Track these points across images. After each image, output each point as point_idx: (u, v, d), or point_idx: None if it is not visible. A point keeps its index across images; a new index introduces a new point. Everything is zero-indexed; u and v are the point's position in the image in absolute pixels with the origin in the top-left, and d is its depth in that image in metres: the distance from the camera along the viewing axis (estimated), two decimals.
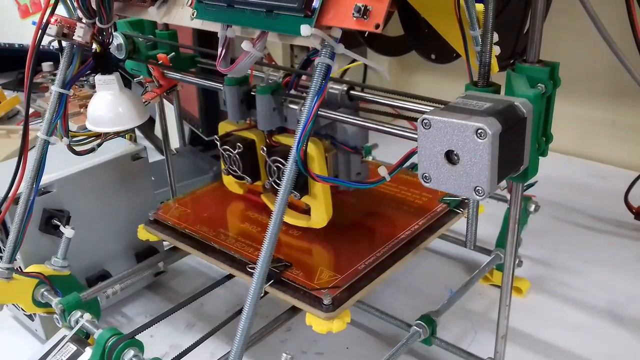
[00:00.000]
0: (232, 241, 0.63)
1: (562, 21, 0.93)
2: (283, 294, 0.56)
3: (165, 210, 0.71)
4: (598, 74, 1.10)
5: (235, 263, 0.61)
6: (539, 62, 0.46)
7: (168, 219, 0.69)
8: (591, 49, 1.06)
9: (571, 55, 1.10)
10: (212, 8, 0.45)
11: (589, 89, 1.12)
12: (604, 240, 0.88)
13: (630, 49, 0.70)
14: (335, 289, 0.54)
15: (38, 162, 0.60)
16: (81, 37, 0.57)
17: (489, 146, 0.38)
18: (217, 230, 0.65)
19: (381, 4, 0.37)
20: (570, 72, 1.11)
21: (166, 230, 0.68)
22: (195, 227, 0.66)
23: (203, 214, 0.69)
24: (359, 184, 0.47)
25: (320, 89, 0.40)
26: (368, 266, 0.57)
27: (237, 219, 0.69)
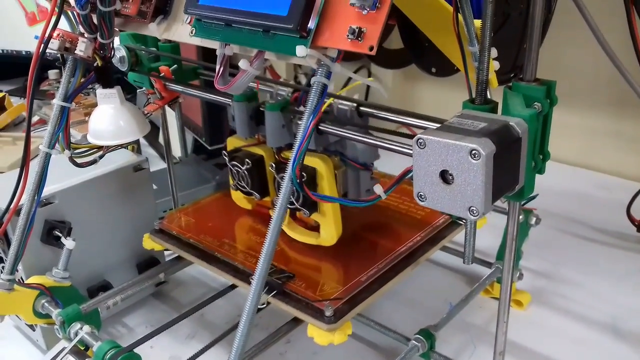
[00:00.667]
0: (235, 252, 0.64)
1: (565, 33, 0.93)
2: (285, 305, 0.56)
3: (170, 220, 0.71)
4: (602, 85, 1.10)
5: (238, 274, 0.61)
6: (535, 80, 0.46)
7: (173, 228, 0.69)
8: (595, 60, 1.06)
9: (575, 67, 1.10)
10: (211, 26, 0.46)
11: (593, 99, 1.12)
12: (606, 252, 0.88)
13: (632, 60, 0.71)
14: (337, 300, 0.55)
15: (40, 175, 0.60)
16: (83, 52, 0.57)
17: (482, 167, 0.38)
18: (222, 240, 0.66)
19: (375, 26, 0.37)
20: (574, 83, 1.12)
21: (171, 240, 0.68)
22: (199, 237, 0.67)
23: (207, 224, 0.70)
24: (355, 202, 0.47)
25: (316, 108, 0.41)
26: (370, 278, 0.57)
27: (241, 229, 0.69)
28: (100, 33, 0.53)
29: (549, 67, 1.10)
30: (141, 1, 0.51)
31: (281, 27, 0.40)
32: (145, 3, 0.51)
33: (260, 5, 0.41)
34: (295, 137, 0.59)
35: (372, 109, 0.59)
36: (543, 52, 0.82)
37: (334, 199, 0.55)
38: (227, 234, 0.67)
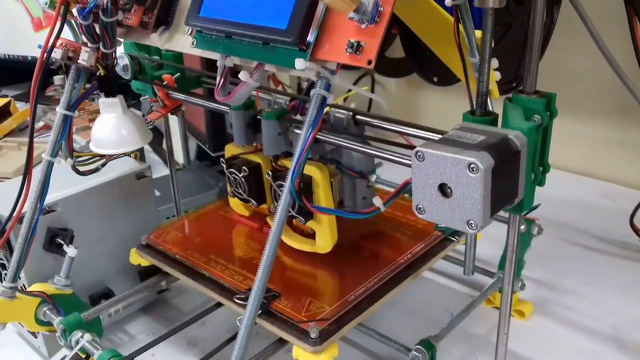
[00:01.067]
0: (222, 268, 0.63)
1: (568, 41, 0.93)
2: (270, 325, 0.55)
3: (157, 235, 0.71)
4: (605, 93, 1.09)
5: (224, 291, 0.60)
6: (535, 92, 0.46)
7: (159, 243, 0.69)
8: (598, 68, 1.06)
9: (579, 75, 1.10)
10: (211, 38, 0.46)
11: (597, 107, 1.11)
12: (609, 262, 0.88)
13: (634, 68, 0.70)
14: (323, 321, 0.53)
15: (42, 183, 0.61)
16: (86, 61, 0.58)
17: (481, 180, 0.38)
18: (208, 256, 0.65)
19: (374, 40, 0.37)
20: (577, 91, 1.11)
21: (157, 255, 0.67)
22: (186, 253, 0.66)
23: (195, 239, 0.69)
24: (353, 215, 0.47)
25: (315, 120, 0.41)
26: (358, 297, 0.56)
27: (228, 244, 0.69)
28: (102, 43, 0.54)
29: (553, 75, 1.11)
30: (143, 12, 0.52)
31: (280, 40, 0.40)
32: (147, 14, 0.52)
33: (260, 18, 0.41)
34: (292, 145, 0.60)
35: (369, 117, 0.59)
36: (546, 60, 0.83)
37: (332, 211, 0.55)
38: (214, 249, 0.67)
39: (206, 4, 0.45)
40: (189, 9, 0.47)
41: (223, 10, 0.44)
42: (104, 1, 0.50)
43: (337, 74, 0.42)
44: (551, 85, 1.16)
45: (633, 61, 0.71)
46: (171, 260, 0.66)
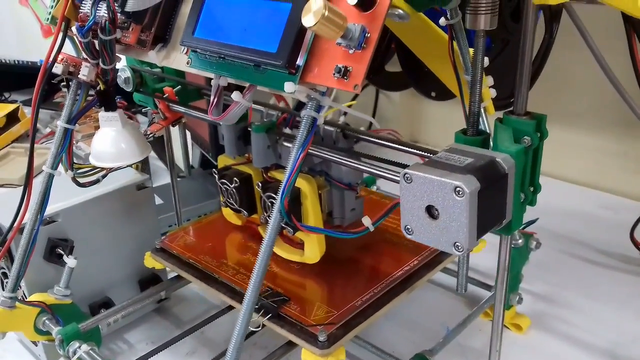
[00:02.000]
0: (233, 272, 0.64)
1: (572, 53, 0.93)
2: (280, 329, 0.56)
3: (171, 239, 0.72)
4: (608, 105, 1.09)
5: (236, 295, 0.62)
6: (526, 114, 0.46)
7: (173, 247, 0.70)
8: (601, 80, 1.06)
9: (583, 86, 1.09)
10: (205, 58, 0.47)
11: (601, 119, 1.11)
12: (610, 276, 0.87)
13: (634, 82, 0.71)
14: (331, 325, 0.55)
15: (42, 195, 0.62)
16: (86, 76, 0.59)
17: (467, 204, 0.38)
18: (220, 260, 0.66)
19: (361, 65, 0.37)
20: (581, 102, 1.11)
21: (171, 259, 0.69)
22: (199, 257, 0.68)
23: (208, 244, 0.71)
24: (343, 234, 0.47)
25: (305, 142, 0.41)
26: (364, 302, 0.57)
27: (240, 250, 0.70)
28: (102, 59, 0.55)
29: (557, 87, 1.11)
30: (141, 30, 0.52)
31: (270, 63, 0.41)
32: (145, 32, 0.52)
33: (252, 41, 0.42)
34: (282, 158, 0.60)
35: (357, 132, 0.59)
36: (551, 72, 0.83)
37: (321, 230, 0.56)
38: (226, 254, 0.68)
39: (200, 25, 0.46)
40: (184, 29, 0.48)
41: (216, 32, 0.45)
42: (102, 20, 0.51)
43: (327, 95, 0.42)
44: (555, 96, 1.16)
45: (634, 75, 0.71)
46: (184, 264, 0.67)
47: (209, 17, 0.46)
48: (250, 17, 0.43)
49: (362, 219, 0.44)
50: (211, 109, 0.48)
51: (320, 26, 0.35)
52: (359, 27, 0.37)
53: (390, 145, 0.56)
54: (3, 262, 0.68)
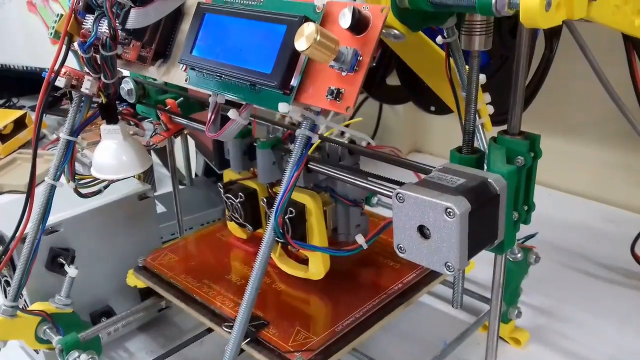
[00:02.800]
0: (214, 294, 0.64)
1: (575, 65, 0.93)
2: (258, 354, 0.56)
3: (154, 257, 0.72)
4: (612, 117, 1.09)
5: (215, 317, 0.61)
6: (520, 134, 0.46)
7: (155, 266, 0.70)
8: (604, 93, 1.06)
9: (587, 98, 1.09)
10: (203, 76, 0.47)
11: (604, 131, 1.11)
12: (611, 290, 0.87)
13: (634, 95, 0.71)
14: (309, 352, 0.54)
15: (44, 206, 0.62)
16: (89, 89, 0.60)
17: (457, 225, 0.38)
18: (202, 280, 0.66)
19: (353, 88, 0.38)
20: (584, 114, 1.11)
21: (153, 278, 0.69)
22: (180, 277, 0.67)
23: (191, 262, 0.70)
24: (337, 252, 0.48)
25: (299, 161, 0.42)
26: (346, 327, 0.57)
27: (223, 269, 0.69)
28: (103, 74, 0.55)
29: (561, 98, 1.11)
30: (141, 46, 0.53)
31: (265, 83, 0.41)
32: (146, 48, 0.53)
33: (247, 61, 0.43)
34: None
35: (362, 149, 0.60)
36: (554, 84, 0.83)
37: (315, 247, 0.56)
38: (209, 274, 0.68)
39: (198, 43, 0.47)
40: (183, 47, 0.49)
41: (214, 51, 0.45)
42: (103, 36, 0.51)
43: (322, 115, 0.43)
44: (559, 109, 1.16)
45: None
46: (165, 283, 0.67)
47: (207, 36, 0.47)
48: (247, 38, 0.43)
49: (356, 236, 0.44)
50: (208, 126, 0.49)
51: (312, 50, 0.36)
52: (351, 50, 0.37)
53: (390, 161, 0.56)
54: (6, 271, 0.69)
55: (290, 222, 0.60)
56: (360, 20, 0.37)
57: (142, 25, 0.49)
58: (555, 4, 0.38)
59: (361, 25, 0.37)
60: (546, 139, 1.30)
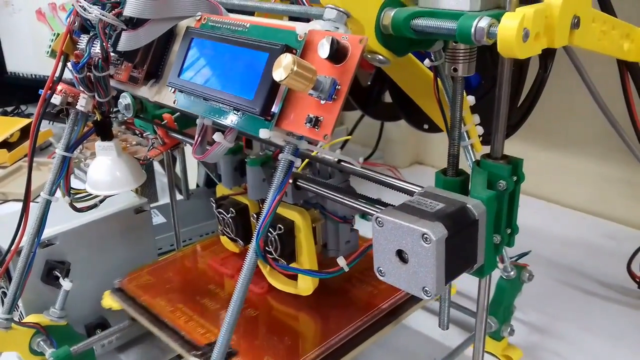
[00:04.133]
0: (186, 319, 0.63)
1: (576, 80, 0.93)
2: None
3: (130, 279, 0.71)
4: (614, 132, 1.08)
5: (185, 344, 0.60)
6: (503, 158, 0.47)
7: (130, 289, 0.69)
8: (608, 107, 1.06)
9: (587, 113, 1.09)
10: (190, 98, 0.48)
11: (605, 147, 1.11)
12: (607, 308, 0.87)
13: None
14: None
15: (39, 220, 0.64)
16: (84, 107, 0.61)
17: (434, 251, 0.39)
18: (175, 305, 0.65)
19: (331, 116, 0.39)
20: (587, 129, 1.11)
21: (128, 300, 0.68)
22: (153, 300, 0.67)
23: (166, 285, 0.70)
24: (317, 274, 0.48)
25: (281, 185, 0.43)
26: (334, 345, 0.57)
27: (197, 293, 0.69)
28: (97, 93, 0.56)
29: (562, 113, 1.10)
30: (133, 67, 0.54)
31: (248, 109, 0.42)
32: (138, 69, 0.54)
33: (231, 87, 0.43)
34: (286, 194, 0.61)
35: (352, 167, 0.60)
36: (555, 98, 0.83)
37: (296, 269, 0.57)
38: (183, 297, 0.67)
39: (186, 67, 0.48)
40: (172, 70, 0.49)
41: (200, 75, 0.46)
42: (96, 58, 0.52)
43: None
44: (560, 123, 1.16)
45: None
46: (139, 307, 0.67)
47: (194, 61, 0.48)
48: (232, 64, 0.44)
49: (337, 259, 0.45)
50: (195, 148, 0.49)
51: (290, 80, 0.36)
52: (329, 79, 0.38)
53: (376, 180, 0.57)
54: (2, 282, 0.70)
55: (280, 239, 0.60)
56: (338, 50, 0.38)
57: (133, 47, 0.50)
58: (533, 34, 0.39)
59: (340, 54, 0.38)
60: (547, 153, 1.31)
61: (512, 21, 0.37)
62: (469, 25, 0.39)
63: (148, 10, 0.49)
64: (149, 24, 0.50)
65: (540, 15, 0.39)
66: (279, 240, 0.60)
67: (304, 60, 0.39)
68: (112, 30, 0.52)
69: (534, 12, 0.38)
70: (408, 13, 0.43)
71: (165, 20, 0.50)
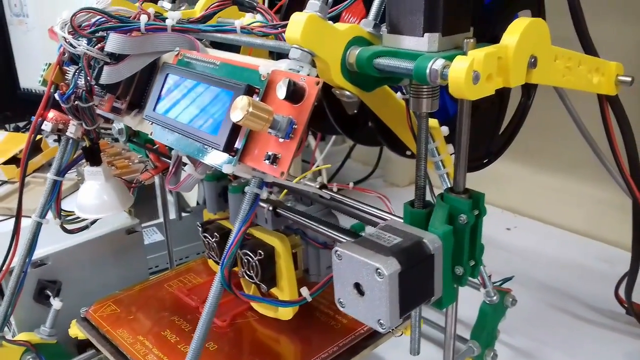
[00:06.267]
0: (145, 352, 0.63)
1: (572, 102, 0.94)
2: None
3: (96, 309, 0.71)
4: (610, 155, 1.09)
5: None
6: (465, 192, 0.48)
7: (94, 318, 0.70)
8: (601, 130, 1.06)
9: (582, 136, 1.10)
10: (164, 131, 0.50)
11: (601, 169, 1.11)
12: (595, 333, 0.87)
13: None
14: None
15: (30, 242, 0.66)
16: (73, 134, 0.63)
17: (386, 285, 0.40)
18: (136, 337, 0.66)
19: (288, 153, 0.40)
20: (582, 151, 1.11)
21: (92, 330, 0.68)
22: (116, 331, 0.67)
23: (130, 316, 0.70)
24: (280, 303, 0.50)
25: (246, 217, 0.44)
26: None
27: (161, 324, 0.69)
28: (83, 122, 0.59)
29: (557, 135, 1.11)
30: (116, 98, 0.56)
31: (214, 144, 0.44)
32: (121, 100, 0.57)
33: (199, 122, 0.46)
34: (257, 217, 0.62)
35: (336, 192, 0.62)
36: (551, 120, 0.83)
37: (259, 299, 0.58)
38: (145, 329, 0.67)
39: (161, 101, 0.50)
40: (148, 104, 0.52)
41: (172, 110, 0.48)
42: (79, 90, 0.55)
43: None
44: (557, 144, 1.16)
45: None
46: (102, 337, 0.67)
47: (168, 95, 0.50)
48: (201, 100, 0.46)
49: (301, 289, 0.46)
50: (168, 178, 0.51)
51: (246, 121, 0.38)
52: (286, 119, 0.40)
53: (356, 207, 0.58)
54: None
55: (260, 264, 0.62)
56: (295, 92, 0.40)
57: (114, 81, 0.53)
58: (485, 76, 0.40)
59: (297, 95, 0.40)
60: (542, 175, 1.30)
61: (462, 64, 0.39)
62: (425, 66, 0.41)
63: (128, 46, 0.51)
64: (129, 59, 0.52)
65: (491, 58, 0.40)
66: (260, 266, 0.62)
67: (266, 99, 0.41)
68: (97, 63, 0.54)
69: (484, 55, 0.40)
70: (371, 52, 0.45)
71: (145, 55, 0.53)
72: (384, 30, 0.47)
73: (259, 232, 0.64)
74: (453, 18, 0.43)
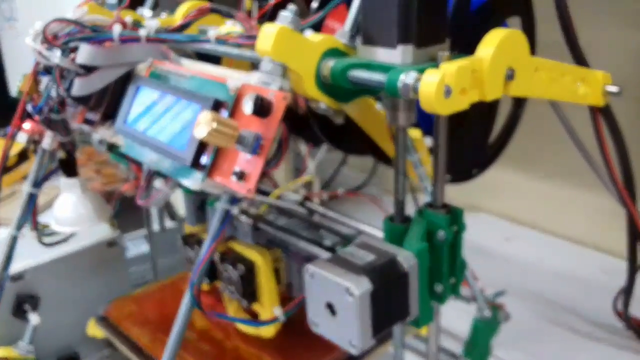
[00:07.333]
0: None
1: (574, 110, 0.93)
2: None
3: (115, 307, 0.72)
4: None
5: None
6: (443, 207, 0.46)
7: (114, 318, 0.70)
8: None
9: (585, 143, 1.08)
10: (134, 146, 0.49)
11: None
12: (591, 348, 0.84)
13: None
14: None
15: (6, 256, 0.64)
16: (49, 145, 0.62)
17: (357, 305, 0.39)
18: (155, 335, 0.66)
19: (255, 170, 0.39)
20: (581, 159, 1.09)
21: (111, 329, 0.69)
22: (134, 330, 0.67)
23: (149, 315, 0.70)
24: (252, 323, 0.48)
25: (216, 234, 0.43)
26: None
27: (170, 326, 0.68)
28: (58, 133, 0.57)
29: (560, 144, 1.09)
30: (88, 109, 0.55)
31: (180, 160, 0.43)
32: (95, 110, 0.55)
33: (168, 137, 0.44)
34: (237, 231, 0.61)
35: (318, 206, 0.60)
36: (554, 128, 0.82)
37: (232, 318, 0.57)
38: (164, 327, 0.64)
39: (131, 114, 0.49)
40: (119, 116, 0.50)
41: (142, 122, 0.47)
42: (51, 102, 0.54)
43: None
44: (557, 152, 1.14)
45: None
46: (122, 336, 0.67)
47: (138, 108, 0.48)
48: (170, 114, 0.45)
49: (274, 308, 0.45)
50: (140, 193, 0.50)
51: (210, 137, 0.37)
52: (252, 134, 0.38)
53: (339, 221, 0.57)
54: None
55: (241, 279, 0.60)
56: (262, 107, 0.38)
57: (86, 93, 0.51)
58: (458, 90, 0.39)
59: (264, 110, 0.39)
60: (543, 184, 1.28)
61: (432, 77, 0.37)
62: (396, 79, 0.39)
63: (99, 58, 0.50)
64: (101, 70, 0.51)
65: (464, 71, 0.39)
66: (240, 281, 0.60)
67: (235, 113, 0.40)
68: (70, 74, 0.53)
69: (457, 68, 0.38)
70: (345, 64, 0.44)
71: (117, 66, 0.51)
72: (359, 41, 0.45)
73: (239, 246, 0.63)
74: (427, 29, 0.42)
